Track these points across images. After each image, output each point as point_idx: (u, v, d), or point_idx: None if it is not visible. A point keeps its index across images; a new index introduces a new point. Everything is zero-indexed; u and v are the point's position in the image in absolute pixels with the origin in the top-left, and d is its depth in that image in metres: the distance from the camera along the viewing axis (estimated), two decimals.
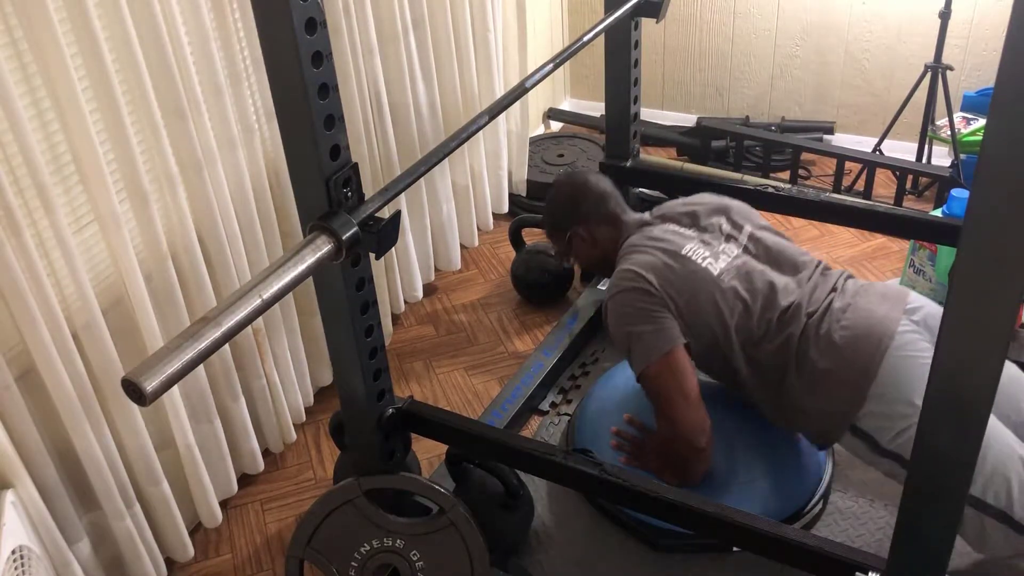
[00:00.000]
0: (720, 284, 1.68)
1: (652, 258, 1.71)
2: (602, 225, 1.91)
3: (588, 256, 1.96)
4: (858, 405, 1.55)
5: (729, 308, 1.66)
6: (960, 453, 1.06)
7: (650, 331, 1.66)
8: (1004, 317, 0.93)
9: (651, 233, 1.80)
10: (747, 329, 1.65)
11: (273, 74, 1.25)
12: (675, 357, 1.65)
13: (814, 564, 1.41)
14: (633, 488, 1.53)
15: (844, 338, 1.58)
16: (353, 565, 1.66)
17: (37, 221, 1.45)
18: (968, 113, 2.88)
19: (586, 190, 1.94)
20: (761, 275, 1.70)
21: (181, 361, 1.00)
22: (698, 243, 1.75)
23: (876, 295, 1.65)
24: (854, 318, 1.60)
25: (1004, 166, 0.84)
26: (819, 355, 1.59)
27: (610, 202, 1.92)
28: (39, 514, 1.48)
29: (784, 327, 1.64)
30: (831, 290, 1.68)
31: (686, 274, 1.68)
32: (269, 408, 2.08)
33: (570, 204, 1.95)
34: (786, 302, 1.66)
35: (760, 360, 1.66)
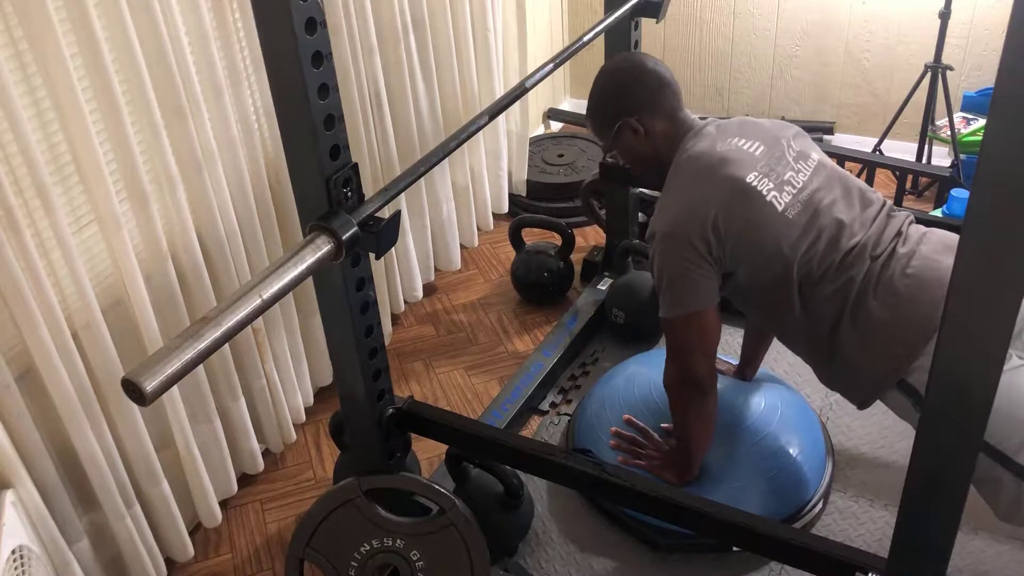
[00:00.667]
0: (785, 220, 1.53)
1: (712, 192, 1.54)
2: (657, 119, 1.67)
3: (637, 153, 1.73)
4: (911, 359, 1.46)
5: (791, 245, 1.53)
6: (960, 453, 1.06)
7: (688, 285, 1.55)
8: (1004, 317, 0.93)
9: (713, 150, 1.60)
10: (807, 268, 1.53)
11: (273, 74, 1.25)
12: (704, 317, 1.57)
13: (814, 564, 1.41)
14: (633, 488, 1.53)
15: (908, 287, 1.48)
16: (353, 565, 1.66)
17: (37, 221, 1.45)
18: (968, 113, 2.88)
19: (643, 75, 1.68)
20: (828, 210, 1.56)
21: (181, 361, 1.00)
22: (764, 169, 1.57)
23: (940, 243, 1.54)
24: (919, 266, 1.49)
25: (1004, 166, 0.84)
26: (878, 303, 1.49)
27: (668, 93, 1.68)
28: (39, 514, 1.48)
29: (846, 269, 1.52)
30: (896, 234, 1.56)
31: (749, 212, 1.53)
32: (269, 408, 2.08)
33: (623, 90, 1.69)
34: (851, 242, 1.53)
35: (816, 302, 1.54)
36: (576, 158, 3.18)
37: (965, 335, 0.96)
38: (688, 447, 1.73)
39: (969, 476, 1.08)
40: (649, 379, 1.94)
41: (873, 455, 1.96)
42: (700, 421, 1.70)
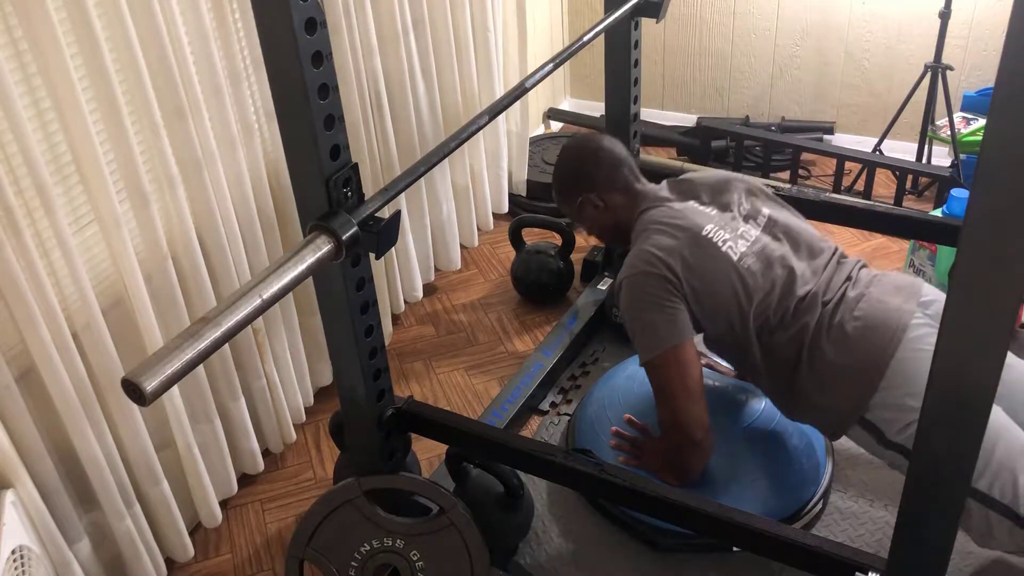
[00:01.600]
0: (740, 269, 1.63)
1: (673, 241, 1.65)
2: (615, 193, 1.82)
3: (599, 225, 1.87)
4: (867, 397, 1.53)
5: (748, 294, 1.62)
6: (960, 453, 1.06)
7: (661, 321, 1.62)
8: (1004, 317, 0.93)
9: (670, 210, 1.72)
10: (764, 316, 1.62)
11: (273, 74, 1.25)
12: (682, 351, 1.62)
13: (814, 564, 1.41)
14: (633, 488, 1.53)
15: (857, 329, 1.56)
16: (353, 565, 1.66)
17: (37, 221, 1.46)
18: (968, 113, 2.88)
19: (599, 154, 1.84)
20: (781, 260, 1.66)
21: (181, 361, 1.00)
22: (718, 223, 1.69)
23: (890, 286, 1.63)
24: (867, 309, 1.58)
25: (1004, 166, 0.84)
26: (831, 346, 1.57)
27: (624, 169, 1.83)
28: (39, 514, 1.49)
29: (800, 316, 1.61)
30: (846, 279, 1.65)
31: (706, 259, 1.63)
32: (269, 408, 2.08)
33: (582, 169, 1.85)
34: (803, 290, 1.63)
35: (774, 348, 1.63)
36: None
37: (965, 335, 0.96)
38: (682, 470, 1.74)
39: (969, 476, 1.08)
40: None
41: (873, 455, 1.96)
42: (695, 462, 1.71)
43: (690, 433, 1.65)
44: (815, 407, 1.62)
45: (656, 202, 1.77)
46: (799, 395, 1.63)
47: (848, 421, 1.58)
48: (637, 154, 2.46)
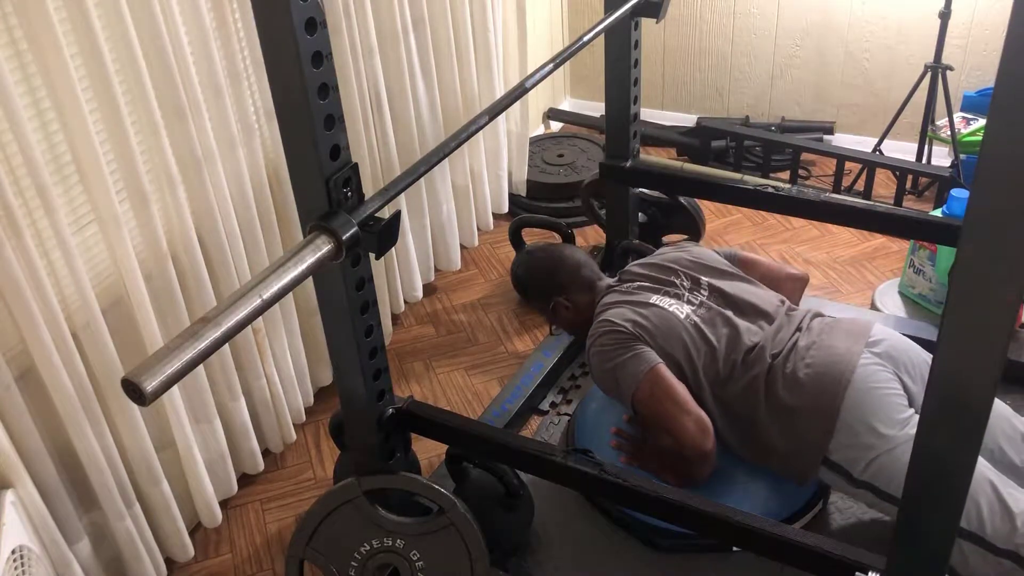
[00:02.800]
0: (687, 326, 1.77)
1: (622, 309, 1.82)
2: (581, 293, 2.01)
3: (571, 322, 2.04)
4: (826, 439, 1.61)
5: (696, 348, 1.74)
6: (960, 453, 1.06)
7: (629, 357, 1.74)
8: (1004, 317, 0.93)
9: (620, 291, 1.91)
10: (714, 370, 1.72)
11: (273, 74, 1.25)
12: (658, 372, 1.71)
13: (814, 564, 1.41)
14: (633, 488, 1.53)
15: (808, 375, 1.64)
16: (353, 565, 1.66)
17: (37, 221, 1.45)
18: (968, 113, 2.88)
19: (562, 262, 2.06)
20: (724, 319, 1.79)
21: (181, 361, 1.00)
22: (663, 295, 1.85)
23: (840, 331, 1.72)
24: (817, 355, 1.67)
25: (1004, 166, 0.84)
26: (787, 393, 1.65)
27: (584, 271, 2.04)
28: (39, 514, 1.49)
29: (749, 368, 1.70)
30: (795, 330, 1.76)
31: (655, 317, 1.78)
32: (269, 408, 2.08)
33: (549, 277, 2.06)
34: (750, 342, 1.73)
35: (729, 401, 1.72)
36: (576, 158, 3.18)
37: (965, 335, 0.96)
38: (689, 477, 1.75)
39: (969, 476, 1.08)
40: None
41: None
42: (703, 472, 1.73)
43: (701, 445, 1.67)
44: (779, 454, 1.68)
45: (608, 291, 1.95)
46: (762, 444, 1.69)
47: (813, 464, 1.64)
48: (637, 154, 2.47)
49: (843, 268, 2.68)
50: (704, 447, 1.67)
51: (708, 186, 2.40)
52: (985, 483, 1.48)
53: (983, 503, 1.47)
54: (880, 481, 1.56)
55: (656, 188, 2.56)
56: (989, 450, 1.59)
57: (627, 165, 2.41)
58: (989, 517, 1.46)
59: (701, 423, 1.67)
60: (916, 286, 2.43)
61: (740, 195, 2.28)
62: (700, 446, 1.67)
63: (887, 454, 1.55)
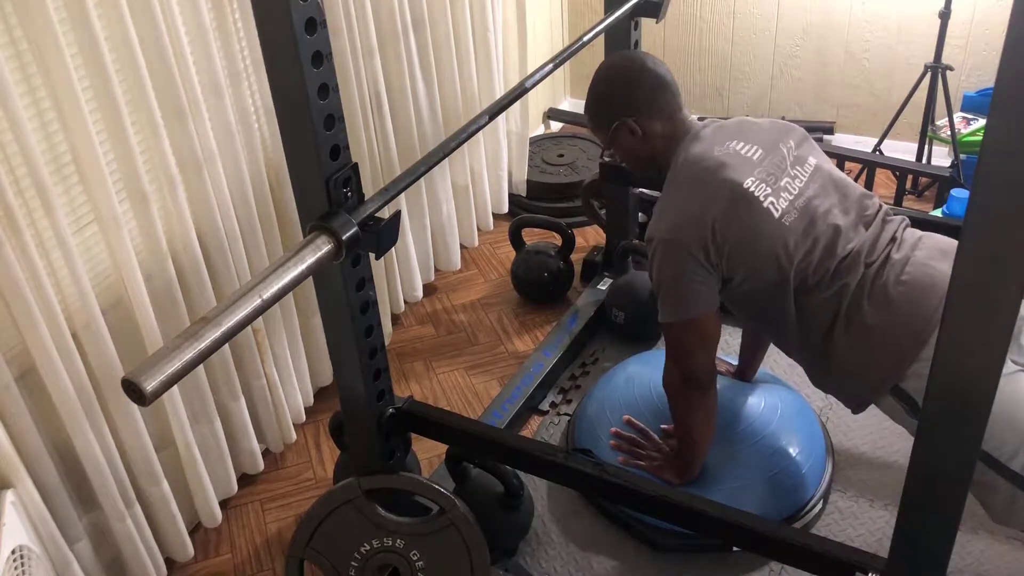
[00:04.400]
0: (781, 227, 1.53)
1: (709, 198, 1.54)
2: (656, 120, 1.66)
3: (635, 153, 1.72)
4: (906, 365, 1.45)
5: (788, 253, 1.52)
6: (960, 453, 1.06)
7: (685, 290, 1.56)
8: (1004, 317, 0.93)
9: (712, 154, 1.59)
10: (803, 275, 1.53)
11: (273, 74, 1.25)
12: (702, 322, 1.58)
13: (814, 564, 1.41)
14: (633, 488, 1.53)
15: (902, 293, 1.48)
16: (353, 565, 1.66)
17: (37, 221, 1.45)
18: (968, 113, 2.88)
19: (642, 75, 1.67)
20: (824, 217, 1.56)
21: (181, 361, 1.00)
22: (761, 174, 1.57)
23: (936, 249, 1.54)
24: (913, 272, 1.49)
25: (1004, 166, 0.84)
26: (873, 309, 1.49)
27: (668, 94, 1.67)
28: (39, 514, 1.49)
29: (840, 276, 1.52)
30: (891, 240, 1.56)
31: (744, 219, 1.52)
32: (269, 408, 2.08)
33: (621, 89, 1.69)
34: (846, 249, 1.53)
35: (810, 309, 1.55)
36: (576, 158, 3.18)
37: (965, 335, 0.96)
38: (689, 446, 1.73)
39: (969, 477, 1.08)
40: (649, 379, 1.94)
41: (873, 455, 1.97)
42: (701, 417, 1.70)
43: (700, 381, 1.63)
44: (848, 373, 1.54)
45: (698, 140, 1.64)
46: (832, 359, 1.55)
47: (881, 389, 1.51)
48: None
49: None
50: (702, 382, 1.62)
51: None
52: None
53: None
54: None
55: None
56: None
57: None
58: None
59: (710, 364, 1.62)
60: None
61: None
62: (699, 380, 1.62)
63: None
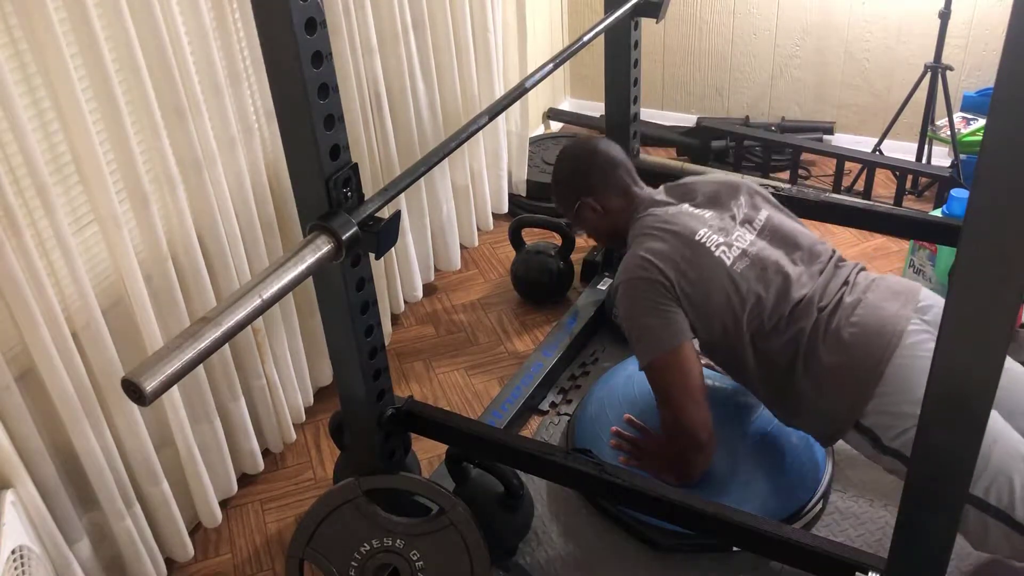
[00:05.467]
0: (733, 275, 1.63)
1: (665, 246, 1.66)
2: (613, 196, 1.84)
3: (597, 227, 1.89)
4: (864, 403, 1.53)
5: (741, 300, 1.62)
6: (960, 453, 1.06)
7: (658, 324, 1.63)
8: (1004, 317, 0.93)
9: (665, 214, 1.73)
10: (758, 321, 1.62)
11: (273, 74, 1.25)
12: (681, 353, 1.63)
13: (814, 564, 1.41)
14: (633, 488, 1.53)
15: (853, 335, 1.56)
16: (353, 565, 1.66)
17: (37, 221, 1.45)
18: (968, 113, 2.88)
19: (595, 157, 1.86)
20: (775, 265, 1.66)
21: (181, 361, 1.00)
22: (712, 227, 1.69)
23: (887, 291, 1.62)
24: (864, 315, 1.58)
25: (1004, 166, 0.84)
26: (827, 351, 1.57)
27: (620, 171, 1.85)
28: (39, 514, 1.48)
29: (795, 321, 1.61)
30: (843, 284, 1.65)
31: (699, 265, 1.63)
32: (269, 408, 2.08)
33: (580, 172, 1.87)
34: (799, 295, 1.62)
35: (768, 354, 1.63)
36: None
37: (965, 335, 0.96)
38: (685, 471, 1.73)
39: (969, 476, 1.08)
40: None
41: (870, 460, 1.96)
42: (698, 463, 1.71)
43: (695, 435, 1.65)
44: (811, 412, 1.62)
45: (651, 206, 1.78)
46: (795, 400, 1.63)
47: (844, 426, 1.58)
48: (637, 154, 2.47)
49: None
50: (698, 437, 1.64)
51: None
52: (1020, 460, 1.41)
53: (1016, 481, 1.40)
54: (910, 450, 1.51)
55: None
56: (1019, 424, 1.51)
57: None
58: (1022, 496, 1.39)
59: (703, 416, 1.64)
60: None
61: None
62: (695, 435, 1.64)
63: None
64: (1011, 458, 1.42)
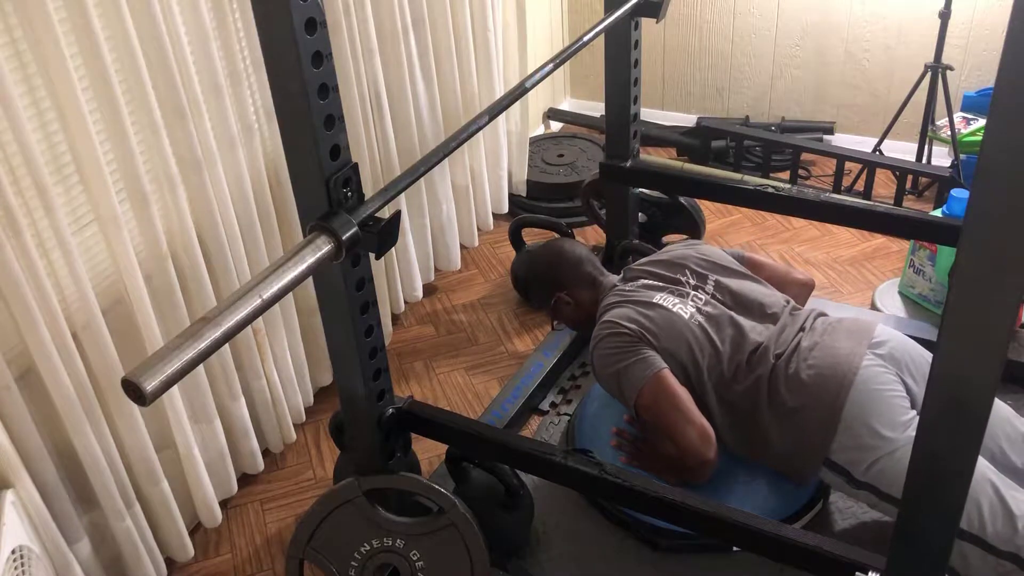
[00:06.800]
0: (691, 325, 1.76)
1: (626, 309, 1.81)
2: (582, 288, 2.01)
3: (573, 318, 2.05)
4: (828, 440, 1.61)
5: (700, 348, 1.74)
6: (960, 453, 1.06)
7: (632, 362, 1.73)
8: (1004, 317, 0.93)
9: (623, 290, 1.90)
10: (718, 370, 1.72)
11: (273, 74, 1.25)
12: (662, 378, 1.71)
13: (814, 564, 1.41)
14: (633, 488, 1.53)
15: (811, 376, 1.64)
16: (353, 565, 1.66)
17: (37, 221, 1.45)
18: (968, 113, 2.88)
19: (563, 258, 2.05)
20: (729, 319, 1.78)
21: (181, 361, 1.00)
22: (668, 293, 1.84)
23: (843, 332, 1.72)
24: (820, 356, 1.67)
25: (1004, 166, 0.84)
26: (789, 394, 1.65)
27: (586, 266, 2.03)
28: (39, 514, 1.49)
29: (753, 368, 1.70)
30: (799, 330, 1.75)
31: (659, 318, 1.77)
32: (269, 408, 2.08)
33: (550, 272, 2.05)
34: (754, 343, 1.73)
35: (732, 401, 1.71)
36: (576, 158, 3.18)
37: (965, 335, 0.96)
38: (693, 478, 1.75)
39: (969, 476, 1.08)
40: None
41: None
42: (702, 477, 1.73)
43: (703, 454, 1.67)
44: (779, 454, 1.69)
45: (612, 289, 1.94)
46: (763, 445, 1.69)
47: (814, 465, 1.65)
48: (637, 154, 2.47)
49: (843, 268, 2.68)
50: (706, 455, 1.67)
51: (708, 186, 2.40)
52: (987, 484, 1.48)
53: (984, 504, 1.47)
54: (881, 483, 1.56)
55: (656, 188, 2.56)
56: (990, 452, 1.59)
57: (627, 165, 2.41)
58: (991, 519, 1.46)
59: (704, 432, 1.67)
60: (916, 286, 2.43)
61: (740, 195, 2.28)
62: (702, 454, 1.67)
63: (888, 456, 1.55)
64: (978, 483, 1.47)
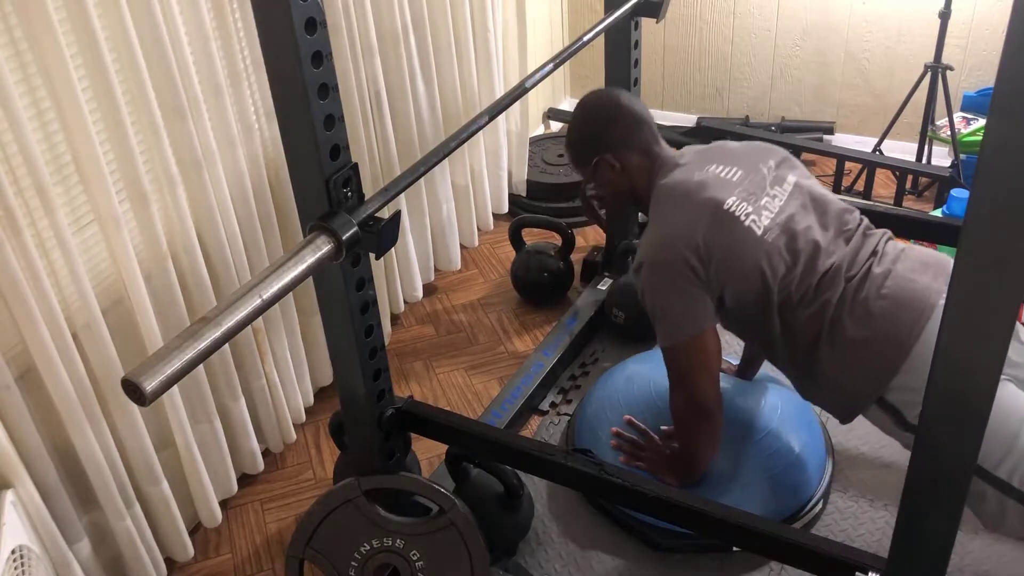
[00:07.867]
0: (763, 245, 1.54)
1: (691, 219, 1.56)
2: (634, 154, 1.70)
3: (615, 186, 1.75)
4: (889, 378, 1.48)
5: (771, 270, 1.54)
6: (960, 453, 1.06)
7: (681, 309, 1.57)
8: (1004, 317, 0.93)
9: (689, 181, 1.62)
10: (786, 291, 1.55)
11: (273, 74, 1.25)
12: (703, 339, 1.58)
13: (814, 564, 1.41)
14: (633, 488, 1.53)
15: (882, 307, 1.49)
16: (353, 565, 1.66)
17: (37, 221, 1.46)
18: (968, 113, 2.88)
19: (619, 112, 1.72)
20: (805, 233, 1.57)
21: (181, 361, 1.00)
22: (741, 194, 1.59)
23: (917, 261, 1.56)
24: (893, 287, 1.51)
25: (1004, 166, 0.84)
26: (853, 325, 1.51)
27: (644, 129, 1.72)
28: (39, 514, 1.49)
29: (823, 291, 1.54)
30: (871, 253, 1.58)
31: (727, 237, 1.54)
32: (269, 408, 2.08)
33: (599, 127, 1.73)
34: (827, 264, 1.55)
35: (795, 325, 1.56)
36: None
37: (965, 334, 0.96)
38: (692, 456, 1.73)
39: (969, 477, 1.08)
40: (649, 379, 1.94)
41: (873, 455, 1.96)
42: (707, 441, 1.70)
43: (707, 406, 1.62)
44: (834, 386, 1.57)
45: (675, 169, 1.67)
46: (818, 374, 1.57)
47: (866, 402, 1.53)
48: None
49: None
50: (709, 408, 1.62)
51: None
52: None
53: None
54: None
55: None
56: None
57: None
58: None
59: (716, 390, 1.62)
60: None
61: None
62: (707, 407, 1.62)
63: None
64: None
